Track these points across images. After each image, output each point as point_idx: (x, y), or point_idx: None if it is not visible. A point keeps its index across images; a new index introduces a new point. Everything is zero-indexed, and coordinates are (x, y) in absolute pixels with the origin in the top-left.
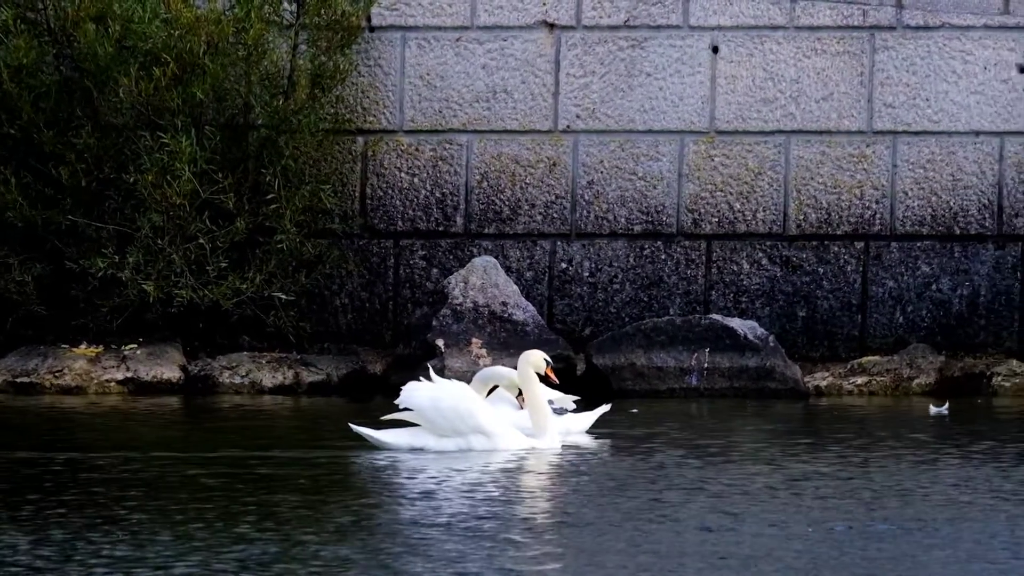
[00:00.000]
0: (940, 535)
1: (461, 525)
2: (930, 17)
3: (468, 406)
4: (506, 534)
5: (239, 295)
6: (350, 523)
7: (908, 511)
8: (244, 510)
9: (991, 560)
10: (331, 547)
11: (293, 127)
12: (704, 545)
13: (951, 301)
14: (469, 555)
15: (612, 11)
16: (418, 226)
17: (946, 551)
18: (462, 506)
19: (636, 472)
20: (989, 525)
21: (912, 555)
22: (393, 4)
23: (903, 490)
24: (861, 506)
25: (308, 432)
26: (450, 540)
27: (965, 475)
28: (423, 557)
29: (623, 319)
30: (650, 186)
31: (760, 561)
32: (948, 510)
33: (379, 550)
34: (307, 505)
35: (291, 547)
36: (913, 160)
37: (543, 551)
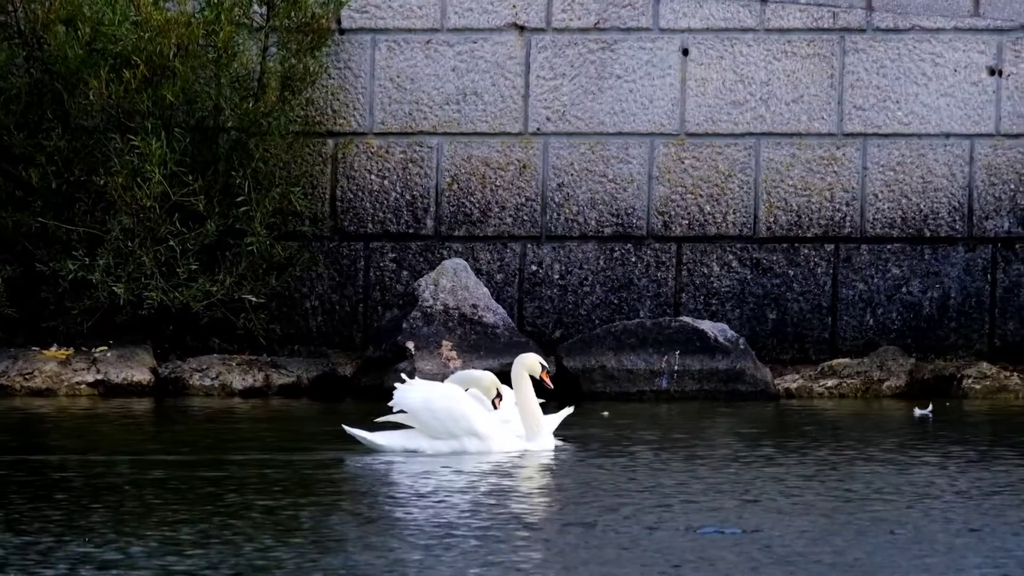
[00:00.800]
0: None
1: (433, 527)
2: (900, 19)
3: (462, 408)
4: (489, 536)
5: (209, 297)
6: (309, 526)
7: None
8: (210, 513)
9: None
10: (299, 551)
11: (263, 129)
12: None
13: (921, 303)
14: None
15: (582, 13)
16: (388, 228)
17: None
18: (436, 509)
19: (613, 474)
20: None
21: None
22: (363, 6)
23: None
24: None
25: (278, 434)
26: (417, 543)
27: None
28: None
29: (593, 321)
30: (620, 188)
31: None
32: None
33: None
34: (270, 508)
35: (256, 551)
36: (883, 162)
37: (523, 555)
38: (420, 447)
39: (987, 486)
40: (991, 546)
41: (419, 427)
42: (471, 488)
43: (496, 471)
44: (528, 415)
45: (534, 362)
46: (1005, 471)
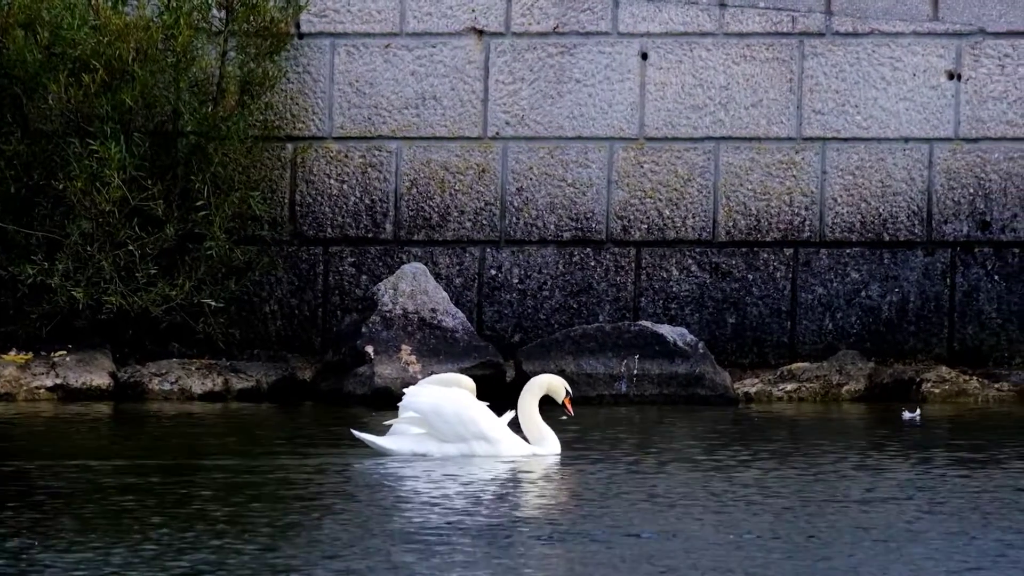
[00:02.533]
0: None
1: (414, 532)
2: (859, 24)
3: (471, 412)
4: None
5: (168, 302)
6: (279, 531)
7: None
8: (165, 517)
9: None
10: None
11: (222, 134)
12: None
13: (880, 307)
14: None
15: (541, 18)
16: (347, 233)
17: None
18: (430, 513)
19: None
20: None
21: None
22: (322, 11)
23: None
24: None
25: (237, 439)
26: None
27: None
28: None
29: (552, 326)
30: (579, 193)
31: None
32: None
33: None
34: (236, 512)
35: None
36: (842, 167)
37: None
38: (429, 451)
39: (934, 492)
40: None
41: (428, 430)
42: (457, 492)
43: (477, 476)
44: (530, 423)
45: (559, 386)
46: (961, 477)
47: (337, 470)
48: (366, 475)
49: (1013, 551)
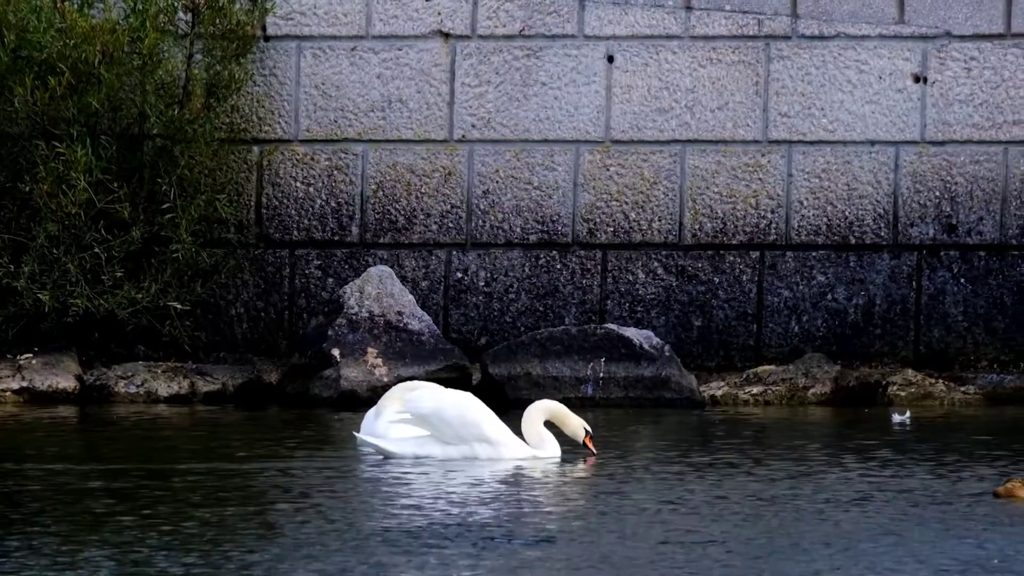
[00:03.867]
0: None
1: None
2: (825, 27)
3: (473, 415)
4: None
5: (135, 304)
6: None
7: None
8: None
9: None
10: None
11: (188, 136)
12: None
13: (846, 311)
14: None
15: (507, 20)
16: (313, 235)
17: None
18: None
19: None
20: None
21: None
22: (288, 14)
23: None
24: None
25: (204, 442)
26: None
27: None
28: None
29: (519, 329)
30: (545, 195)
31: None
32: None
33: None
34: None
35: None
36: (808, 169)
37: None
38: (431, 453)
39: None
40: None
41: (431, 432)
42: (443, 494)
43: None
44: (531, 429)
45: (577, 426)
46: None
47: (309, 472)
48: (339, 477)
49: (979, 554)
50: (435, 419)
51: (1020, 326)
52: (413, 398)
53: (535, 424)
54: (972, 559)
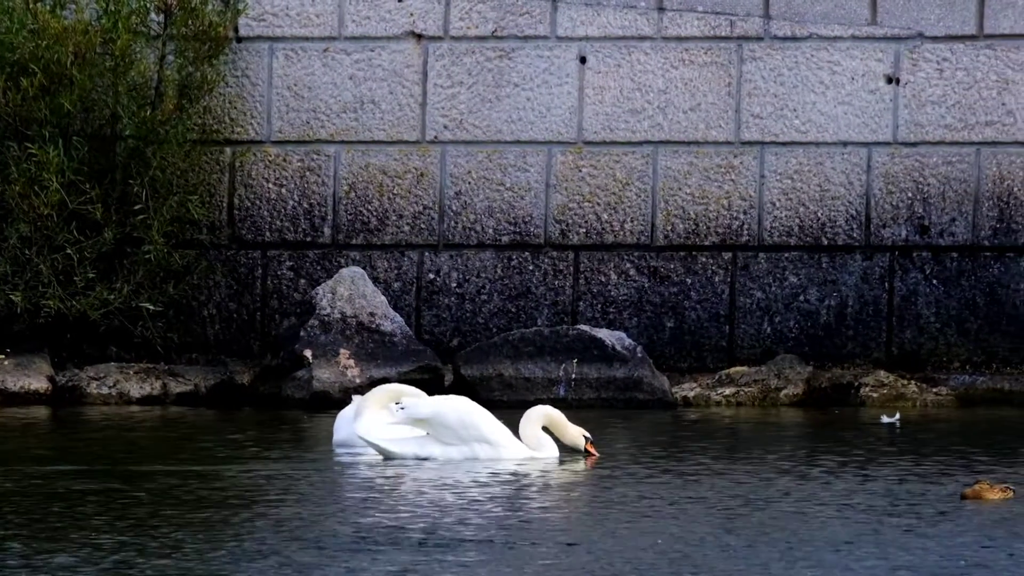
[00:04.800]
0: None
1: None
2: (798, 28)
3: (472, 416)
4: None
5: (107, 306)
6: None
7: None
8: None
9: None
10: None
11: (161, 138)
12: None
13: (819, 312)
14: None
15: (480, 21)
16: (286, 237)
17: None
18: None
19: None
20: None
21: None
22: (260, 15)
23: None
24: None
25: (175, 444)
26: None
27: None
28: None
29: (491, 330)
30: (518, 197)
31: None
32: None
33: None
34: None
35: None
36: (781, 170)
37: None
38: (432, 454)
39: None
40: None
41: (431, 433)
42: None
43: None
44: (528, 432)
45: (576, 436)
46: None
47: (280, 474)
48: (313, 479)
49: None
50: (435, 421)
51: (992, 327)
52: (412, 402)
53: (533, 427)
54: (936, 561)
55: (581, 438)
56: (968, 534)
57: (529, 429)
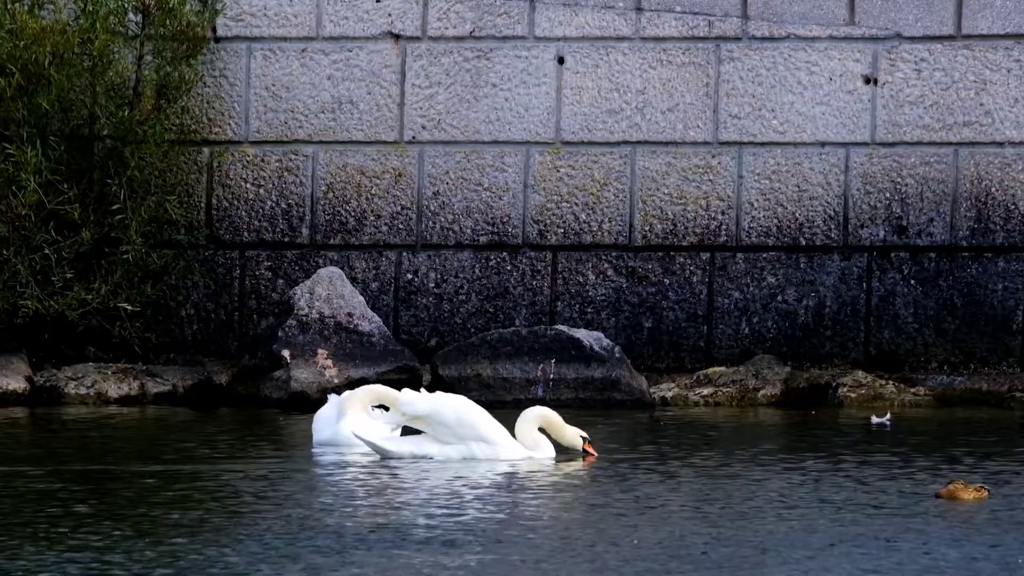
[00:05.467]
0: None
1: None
2: (775, 28)
3: (470, 415)
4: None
5: (85, 306)
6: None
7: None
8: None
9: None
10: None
11: (139, 138)
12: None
13: (797, 312)
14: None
15: (458, 22)
16: (264, 237)
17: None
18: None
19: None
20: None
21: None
22: (238, 15)
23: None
24: None
25: (153, 444)
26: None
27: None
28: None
29: (469, 330)
30: (496, 197)
31: None
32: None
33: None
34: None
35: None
36: (759, 171)
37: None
38: (429, 453)
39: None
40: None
41: (429, 432)
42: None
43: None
44: (524, 432)
45: (575, 436)
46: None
47: (258, 473)
48: (300, 478)
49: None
50: (432, 418)
51: (970, 328)
52: (409, 399)
53: (529, 428)
54: (909, 560)
55: (579, 439)
56: (944, 534)
57: (526, 429)
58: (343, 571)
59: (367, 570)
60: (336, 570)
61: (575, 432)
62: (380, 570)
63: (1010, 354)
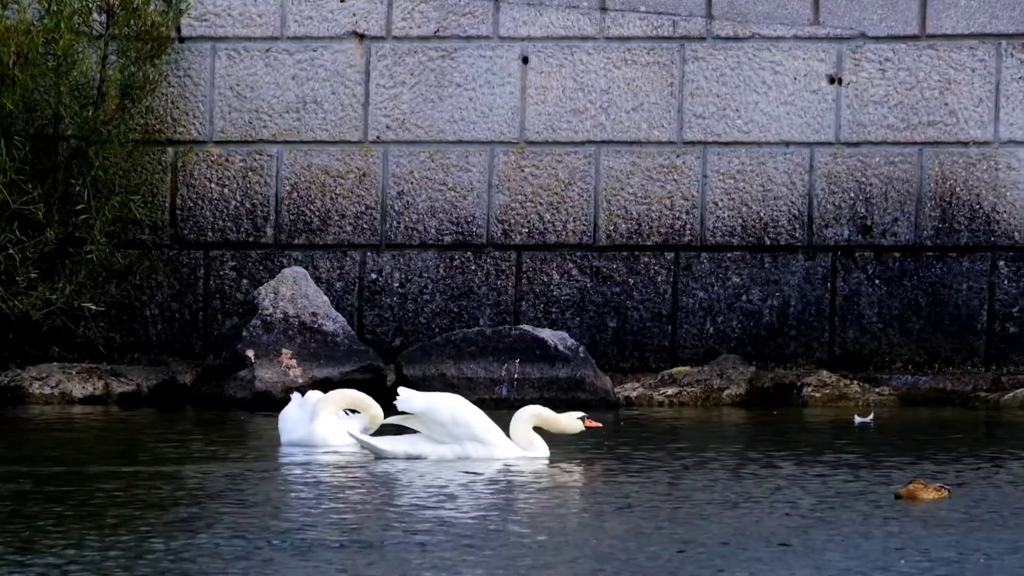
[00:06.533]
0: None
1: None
2: (740, 28)
3: (465, 415)
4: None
5: (49, 306)
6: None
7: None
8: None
9: None
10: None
11: (103, 137)
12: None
13: (761, 312)
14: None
15: (422, 22)
16: (228, 236)
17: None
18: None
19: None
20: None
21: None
22: (203, 15)
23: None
24: None
25: (117, 444)
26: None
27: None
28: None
29: (433, 330)
30: (460, 196)
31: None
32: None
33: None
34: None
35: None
36: (723, 171)
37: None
38: (423, 452)
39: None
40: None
41: (423, 431)
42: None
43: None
44: (519, 432)
45: (571, 420)
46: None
47: (221, 474)
48: (247, 479)
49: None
50: (427, 417)
51: (934, 327)
52: (406, 398)
53: (523, 428)
54: (867, 559)
55: (576, 420)
56: (902, 535)
57: (520, 430)
58: (314, 572)
59: (330, 569)
60: (306, 571)
61: (571, 416)
62: (344, 569)
63: (975, 354)
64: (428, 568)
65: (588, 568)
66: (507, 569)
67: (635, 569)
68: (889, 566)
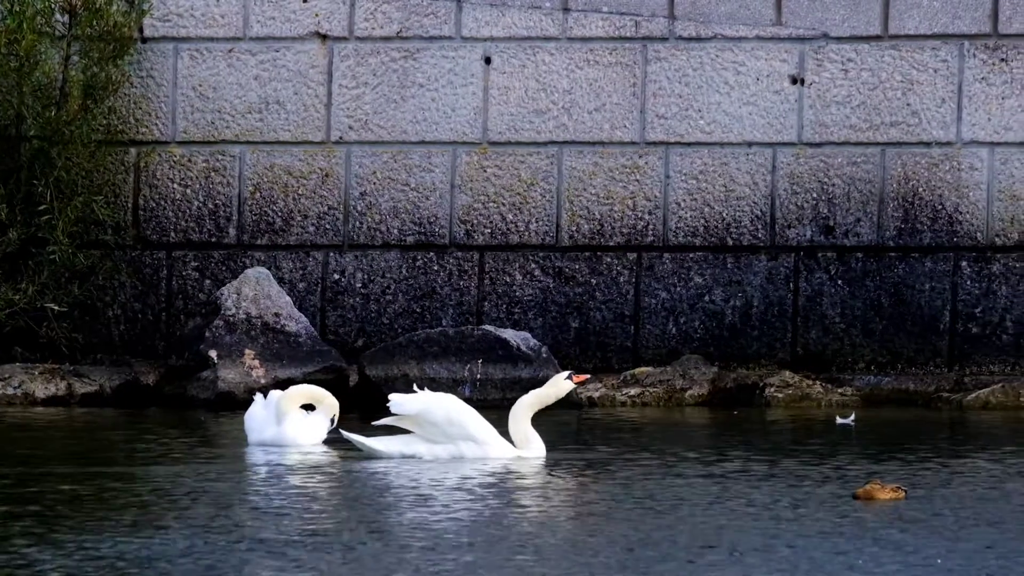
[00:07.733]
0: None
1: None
2: (702, 28)
3: (459, 415)
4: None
5: (11, 306)
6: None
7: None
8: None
9: None
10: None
11: (66, 138)
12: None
13: (724, 312)
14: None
15: (385, 22)
16: (191, 237)
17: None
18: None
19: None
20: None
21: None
22: (165, 15)
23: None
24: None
25: (80, 444)
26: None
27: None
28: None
29: (396, 330)
30: (423, 197)
31: None
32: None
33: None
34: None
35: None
36: (686, 171)
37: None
38: (418, 452)
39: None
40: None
41: (417, 431)
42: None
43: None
44: (518, 429)
45: (561, 384)
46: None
47: (187, 475)
48: (212, 480)
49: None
50: (422, 418)
51: (897, 328)
52: (399, 398)
53: (522, 423)
54: (826, 560)
55: (565, 381)
56: (860, 534)
57: (518, 426)
58: (285, 572)
59: (301, 570)
60: (277, 571)
61: (557, 381)
62: (316, 569)
63: (937, 354)
64: (401, 569)
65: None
66: (488, 569)
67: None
68: (843, 566)
